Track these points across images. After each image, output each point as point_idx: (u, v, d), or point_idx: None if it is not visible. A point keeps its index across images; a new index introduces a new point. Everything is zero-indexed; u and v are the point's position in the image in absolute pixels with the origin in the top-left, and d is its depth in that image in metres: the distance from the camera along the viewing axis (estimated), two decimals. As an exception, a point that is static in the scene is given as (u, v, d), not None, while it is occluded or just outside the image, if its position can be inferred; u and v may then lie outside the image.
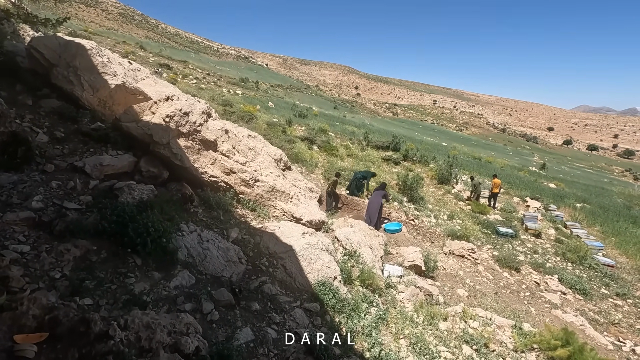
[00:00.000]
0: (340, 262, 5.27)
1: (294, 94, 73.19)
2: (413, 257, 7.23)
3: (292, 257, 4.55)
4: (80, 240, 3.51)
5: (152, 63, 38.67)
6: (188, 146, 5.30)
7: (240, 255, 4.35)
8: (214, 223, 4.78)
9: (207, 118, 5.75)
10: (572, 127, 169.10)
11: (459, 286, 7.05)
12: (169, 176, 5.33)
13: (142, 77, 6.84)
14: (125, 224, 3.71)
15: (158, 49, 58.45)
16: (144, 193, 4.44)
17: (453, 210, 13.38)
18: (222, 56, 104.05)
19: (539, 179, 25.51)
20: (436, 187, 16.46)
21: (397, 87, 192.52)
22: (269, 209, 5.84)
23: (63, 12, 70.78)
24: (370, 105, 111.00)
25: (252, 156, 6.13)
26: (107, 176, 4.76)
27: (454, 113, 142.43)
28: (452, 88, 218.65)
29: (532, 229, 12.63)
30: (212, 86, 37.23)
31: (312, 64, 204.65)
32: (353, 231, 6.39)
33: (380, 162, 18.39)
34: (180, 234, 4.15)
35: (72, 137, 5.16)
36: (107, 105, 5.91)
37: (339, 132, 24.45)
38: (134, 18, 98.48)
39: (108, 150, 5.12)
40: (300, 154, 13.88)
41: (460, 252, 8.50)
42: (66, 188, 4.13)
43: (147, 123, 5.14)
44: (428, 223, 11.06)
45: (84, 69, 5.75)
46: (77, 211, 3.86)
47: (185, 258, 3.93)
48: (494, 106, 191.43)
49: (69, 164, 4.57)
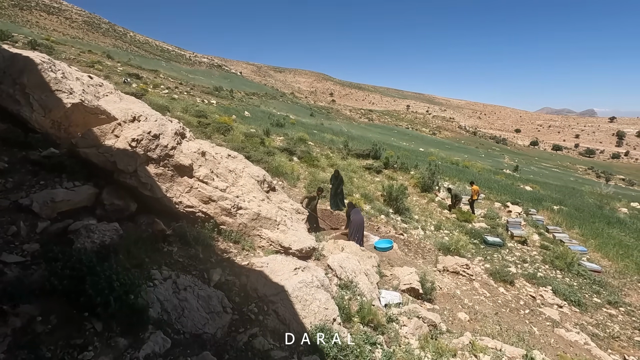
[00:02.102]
0: (338, 297, 4.74)
1: (270, 102, 72.47)
2: (409, 279, 6.80)
3: (284, 300, 3.97)
4: (22, 305, 2.80)
5: (121, 73, 36.97)
6: (159, 173, 4.63)
7: (225, 302, 3.73)
8: (192, 264, 4.13)
9: (181, 139, 5.10)
10: (537, 129, 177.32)
11: (458, 308, 6.67)
12: (137, 208, 4.63)
13: (104, 93, 6.09)
14: (81, 279, 3.01)
15: (126, 58, 56.31)
16: (107, 234, 3.74)
17: (439, 220, 13.17)
18: (195, 65, 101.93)
19: (515, 182, 26.06)
20: (420, 195, 16.29)
21: (371, 93, 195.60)
22: (254, 239, 5.23)
23: (22, 20, 67.11)
24: (346, 112, 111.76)
25: (232, 180, 5.51)
26: (61, 214, 4.01)
27: (427, 117, 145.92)
28: (424, 93, 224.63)
29: (518, 236, 12.59)
30: (185, 96, 36.00)
31: (286, 71, 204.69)
32: (347, 257, 5.88)
33: (362, 171, 18.08)
34: (152, 283, 3.48)
35: (19, 168, 4.38)
36: (62, 128, 5.13)
37: (318, 141, 24.05)
38: (100, 26, 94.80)
39: (63, 182, 4.37)
40: (281, 167, 13.32)
41: (455, 269, 8.17)
42: (6, 235, 3.38)
43: (110, 148, 4.44)
44: (417, 236, 10.73)
45: (34, 86, 4.97)
46: (19, 265, 3.13)
47: (159, 315, 3.27)
48: (465, 110, 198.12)
49: (12, 202, 3.80)
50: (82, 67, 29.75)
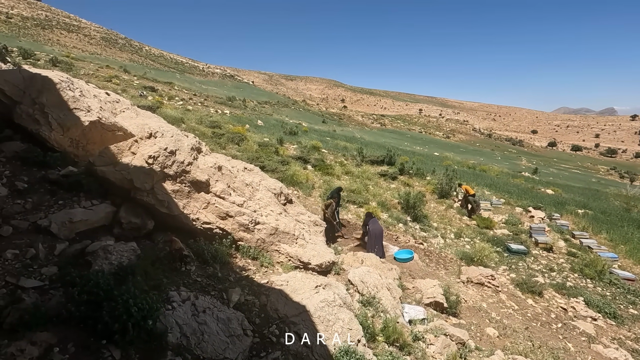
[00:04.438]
0: (360, 315, 4.53)
1: (282, 110, 72.98)
2: (432, 293, 6.53)
3: (306, 322, 3.80)
4: (39, 333, 2.71)
5: (137, 86, 37.86)
6: (176, 190, 4.56)
7: (245, 325, 3.59)
8: (210, 283, 4.01)
9: (197, 154, 5.03)
10: (555, 129, 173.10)
11: (485, 322, 6.35)
12: (154, 226, 4.56)
13: (121, 109, 6.11)
14: (99, 305, 2.93)
15: (142, 72, 57.73)
16: (124, 255, 3.66)
17: (459, 228, 12.79)
18: (208, 75, 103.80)
19: (535, 186, 25.29)
20: (437, 202, 15.91)
21: (383, 98, 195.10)
22: (273, 255, 5.09)
23: (44, 38, 69.81)
24: (358, 118, 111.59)
25: (249, 194, 5.41)
26: (79, 234, 3.97)
27: (440, 121, 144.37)
28: (436, 97, 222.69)
29: (542, 243, 12.09)
30: (199, 107, 36.54)
31: (297, 79, 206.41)
32: (368, 271, 5.67)
33: (377, 178, 17.82)
34: (170, 306, 3.37)
35: (38, 188, 4.37)
36: (80, 146, 5.14)
37: (331, 148, 23.94)
38: (117, 42, 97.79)
39: (81, 201, 4.34)
40: (296, 176, 13.20)
41: (480, 280, 7.83)
42: (25, 258, 3.33)
43: (127, 166, 4.40)
44: (437, 245, 10.41)
45: (52, 105, 5.00)
46: (36, 290, 3.07)
47: (178, 340, 3.14)
48: (478, 112, 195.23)
49: (31, 224, 3.78)
50: (100, 82, 30.58)
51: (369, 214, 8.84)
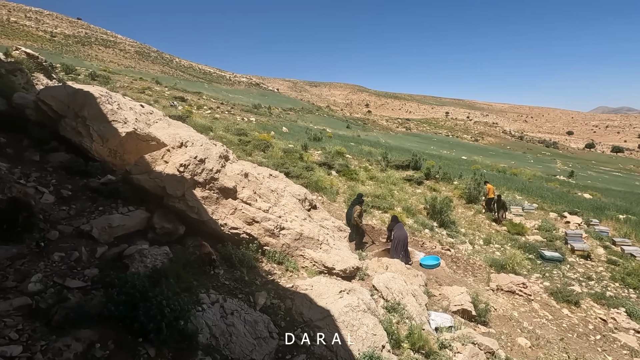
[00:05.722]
0: (385, 321, 4.52)
1: (306, 116, 73.67)
2: (460, 300, 6.39)
3: (331, 326, 3.85)
4: (83, 330, 2.93)
5: (168, 97, 39.54)
6: (205, 196, 4.77)
7: (271, 327, 3.69)
8: (237, 286, 4.16)
9: (225, 162, 5.24)
10: (593, 130, 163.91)
11: (516, 332, 6.13)
12: (185, 231, 4.78)
13: (154, 120, 6.45)
14: (135, 305, 3.12)
15: (173, 83, 60.16)
16: (158, 259, 3.87)
17: (488, 233, 12.40)
18: (234, 84, 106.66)
19: (571, 189, 24.07)
20: (465, 207, 15.51)
21: (408, 101, 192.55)
22: (298, 260, 5.19)
23: (84, 54, 74.44)
24: (382, 122, 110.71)
25: (275, 199, 5.55)
26: (117, 238, 4.24)
27: (468, 124, 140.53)
28: (463, 99, 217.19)
29: (579, 250, 11.49)
30: (226, 115, 37.60)
31: (321, 85, 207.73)
32: (392, 277, 5.65)
33: (402, 183, 17.61)
34: (200, 308, 3.53)
35: (80, 195, 4.71)
36: (117, 155, 5.49)
37: (355, 153, 23.89)
38: (150, 55, 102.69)
39: (118, 207, 4.63)
40: (320, 182, 13.31)
41: (510, 288, 7.57)
42: (70, 260, 3.60)
43: (160, 174, 4.65)
44: (465, 251, 10.15)
45: (93, 118, 5.38)
46: (80, 290, 3.31)
47: (207, 340, 3.29)
48: (508, 114, 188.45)
49: (74, 229, 4.08)
50: (134, 94, 32.21)
51: (394, 218, 8.77)
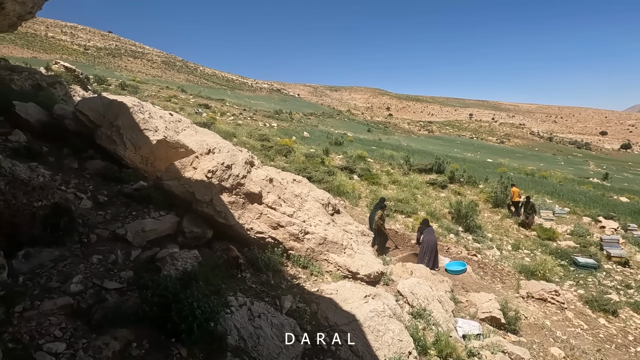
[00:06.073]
0: (411, 327, 4.48)
1: (327, 120, 73.95)
2: (488, 307, 6.22)
3: (356, 331, 3.85)
4: (120, 330, 3.08)
5: (193, 104, 40.79)
6: (232, 201, 4.89)
7: (297, 331, 3.73)
8: (264, 290, 4.23)
9: (250, 168, 5.36)
10: (629, 129, 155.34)
11: (549, 342, 5.90)
12: (213, 235, 4.92)
13: (182, 128, 6.70)
14: (168, 306, 3.25)
15: (197, 91, 61.97)
16: (188, 262, 4.01)
17: (517, 239, 12.01)
18: (256, 91, 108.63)
19: (606, 193, 22.92)
20: (491, 211, 15.08)
21: (430, 104, 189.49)
22: (322, 264, 5.23)
23: (115, 65, 78.01)
24: (404, 125, 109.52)
25: (299, 204, 5.62)
26: (149, 242, 4.42)
27: (493, 125, 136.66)
28: (488, 100, 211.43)
29: (616, 256, 10.92)
30: (249, 121, 38.34)
31: (342, 89, 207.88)
32: (418, 282, 5.58)
33: (426, 186, 17.34)
34: (229, 310, 3.62)
35: (115, 200, 4.95)
36: (149, 162, 5.74)
37: (377, 157, 23.76)
38: (175, 64, 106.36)
39: (150, 212, 4.84)
40: (342, 186, 13.32)
41: (542, 295, 7.29)
42: (107, 263, 3.80)
43: (189, 180, 4.83)
44: (492, 257, 9.87)
45: (126, 127, 5.65)
46: (117, 291, 3.48)
47: (236, 342, 3.37)
48: (536, 114, 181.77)
49: (110, 232, 4.29)
50: (161, 102, 33.46)
51: (425, 222, 8.68)
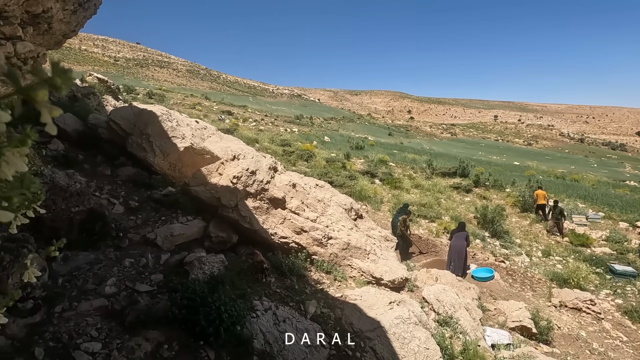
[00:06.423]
0: (437, 335, 4.38)
1: (348, 124, 73.88)
2: (518, 316, 6.00)
3: (381, 337, 3.81)
4: (151, 331, 3.18)
5: (216, 111, 41.84)
6: (256, 207, 4.97)
7: (322, 336, 3.73)
8: (288, 295, 4.27)
9: (274, 173, 5.44)
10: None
11: (585, 354, 5.62)
12: (238, 240, 5.01)
13: (208, 134, 6.88)
14: (196, 309, 3.33)
15: (220, 98, 63.51)
16: (215, 266, 4.10)
17: (547, 245, 11.53)
18: (277, 97, 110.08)
19: (645, 197, 21.63)
20: (520, 216, 14.57)
21: (453, 106, 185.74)
22: (345, 270, 5.21)
23: (142, 75, 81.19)
24: (426, 128, 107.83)
25: (321, 209, 5.64)
26: (178, 246, 4.55)
27: (520, 127, 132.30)
28: (513, 101, 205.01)
29: (657, 264, 10.28)
30: (270, 126, 38.87)
31: (362, 93, 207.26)
32: (443, 289, 5.46)
33: (450, 191, 16.98)
34: (254, 314, 3.67)
35: (145, 206, 5.14)
36: (176, 168, 5.92)
37: (399, 161, 23.51)
38: (199, 72, 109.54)
39: (178, 217, 4.99)
40: (364, 191, 13.26)
41: (576, 305, 6.96)
42: (138, 266, 3.94)
43: (215, 186, 4.95)
44: (521, 264, 9.52)
45: (156, 135, 5.87)
46: (148, 294, 3.60)
47: (262, 347, 3.40)
48: (566, 115, 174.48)
49: (141, 237, 4.46)
50: (186, 109, 34.52)
51: (460, 225, 8.51)
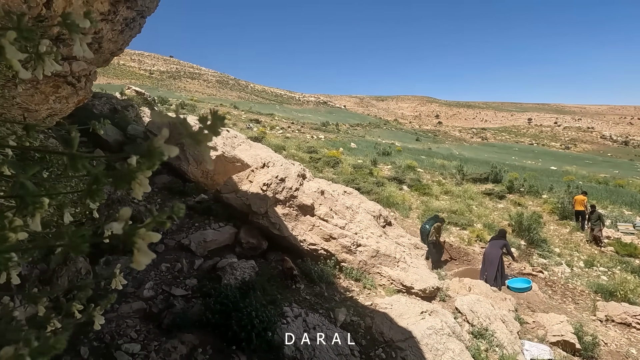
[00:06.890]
0: (472, 347, 4.22)
1: (374, 131, 73.40)
2: (560, 330, 5.66)
3: (413, 348, 3.72)
4: (186, 334, 3.28)
5: (244, 119, 42.92)
6: (285, 213, 5.04)
7: (352, 345, 3.69)
8: (318, 302, 4.27)
9: (302, 180, 5.49)
10: None
11: (636, 373, 5.20)
12: (267, 246, 5.09)
13: (238, 143, 7.07)
14: (228, 314, 3.40)
15: (248, 107, 65.09)
16: (246, 272, 4.18)
17: (590, 255, 10.84)
18: (303, 104, 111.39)
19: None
20: (558, 224, 13.81)
21: (483, 110, 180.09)
22: (375, 277, 5.15)
23: (176, 87, 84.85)
24: (454, 133, 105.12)
25: (350, 216, 5.62)
26: (210, 252, 4.69)
27: (556, 130, 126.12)
28: (549, 103, 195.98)
29: None
30: (297, 133, 39.32)
31: (388, 99, 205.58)
32: (477, 299, 5.26)
33: (481, 197, 16.40)
34: (285, 320, 3.70)
35: (180, 212, 5.34)
36: (209, 176, 6.12)
37: (427, 167, 23.03)
38: (228, 83, 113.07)
39: (211, 223, 5.14)
40: (392, 197, 13.07)
41: (624, 319, 6.48)
42: (174, 271, 4.09)
43: (246, 193, 5.06)
44: (562, 274, 9.01)
45: (189, 144, 6.09)
46: (183, 298, 3.73)
47: (293, 353, 3.42)
48: (607, 116, 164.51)
49: (176, 242, 4.63)
50: (216, 119, 35.63)
51: (501, 232, 8.20)
